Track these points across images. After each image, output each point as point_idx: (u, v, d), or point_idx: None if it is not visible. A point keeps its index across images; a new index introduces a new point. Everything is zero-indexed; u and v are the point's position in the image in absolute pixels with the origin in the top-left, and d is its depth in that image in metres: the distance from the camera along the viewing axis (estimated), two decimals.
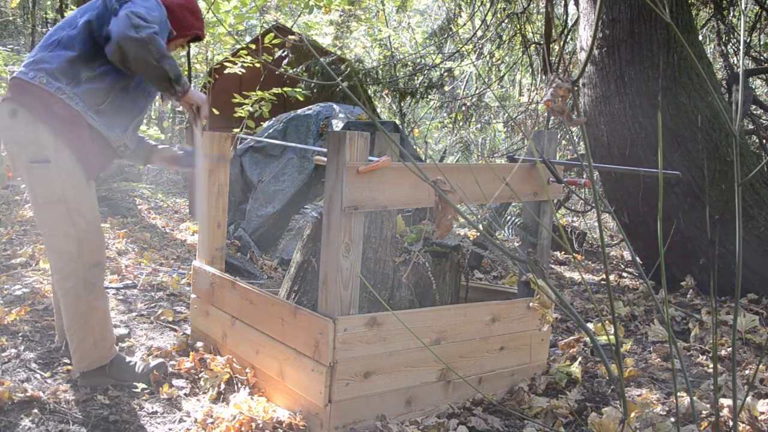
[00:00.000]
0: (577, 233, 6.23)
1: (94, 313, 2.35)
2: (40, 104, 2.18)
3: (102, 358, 2.40)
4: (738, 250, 1.57)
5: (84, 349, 2.37)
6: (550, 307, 2.20)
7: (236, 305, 2.58)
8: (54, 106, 2.19)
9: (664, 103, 4.06)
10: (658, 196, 1.56)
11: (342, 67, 7.20)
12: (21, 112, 2.19)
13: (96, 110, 2.25)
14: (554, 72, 5.48)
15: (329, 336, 2.06)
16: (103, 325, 2.39)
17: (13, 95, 2.22)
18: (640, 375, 2.82)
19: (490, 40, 7.82)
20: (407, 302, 2.44)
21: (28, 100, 2.19)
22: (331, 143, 2.06)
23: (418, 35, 10.91)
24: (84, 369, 2.39)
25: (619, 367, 1.77)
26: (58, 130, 2.21)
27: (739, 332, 3.30)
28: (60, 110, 2.19)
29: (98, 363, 2.40)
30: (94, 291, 2.34)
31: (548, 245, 2.70)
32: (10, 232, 4.88)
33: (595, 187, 1.66)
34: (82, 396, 2.31)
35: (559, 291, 2.67)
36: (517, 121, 7.97)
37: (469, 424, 2.25)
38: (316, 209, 2.62)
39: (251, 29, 11.29)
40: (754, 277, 3.97)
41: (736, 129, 1.64)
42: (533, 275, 2.21)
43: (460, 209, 1.57)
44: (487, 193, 2.28)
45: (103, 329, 2.39)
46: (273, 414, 2.22)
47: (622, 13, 4.18)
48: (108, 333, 2.42)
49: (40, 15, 11.47)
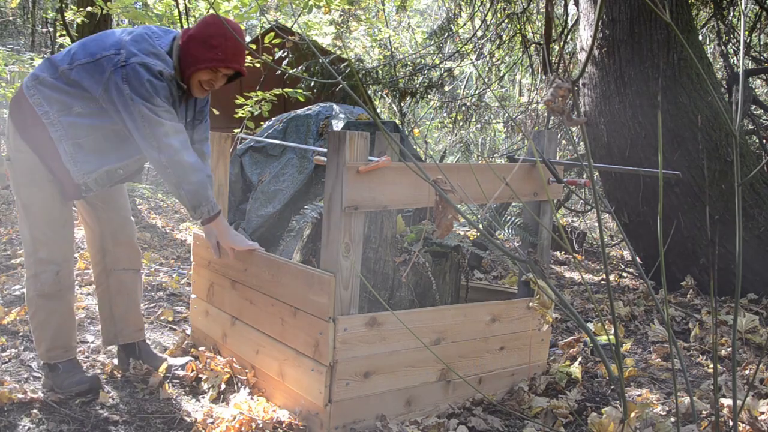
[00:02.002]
0: (577, 233, 6.23)
1: (41, 311, 2.34)
2: (22, 118, 2.25)
3: (48, 357, 2.37)
4: (738, 250, 1.57)
5: (35, 339, 2.39)
6: (550, 307, 2.20)
7: (236, 305, 2.58)
8: (31, 127, 2.23)
9: (664, 103, 4.06)
10: (658, 196, 1.56)
11: (342, 67, 7.20)
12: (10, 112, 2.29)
13: (74, 143, 2.24)
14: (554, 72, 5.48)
15: (329, 336, 2.06)
16: (47, 328, 2.35)
17: (13, 97, 2.31)
18: (640, 375, 2.82)
19: (490, 40, 7.82)
20: (407, 302, 2.44)
21: (15, 108, 2.28)
22: (331, 143, 2.06)
23: (418, 35, 10.91)
24: (39, 356, 2.42)
25: (619, 367, 1.77)
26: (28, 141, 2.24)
27: (739, 332, 3.30)
28: (35, 131, 2.23)
29: (45, 358, 2.38)
30: (45, 291, 2.31)
31: (548, 245, 2.70)
32: (10, 232, 4.88)
33: (595, 187, 1.66)
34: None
35: (559, 291, 2.67)
36: (517, 121, 7.97)
37: (469, 424, 2.25)
38: (316, 209, 2.62)
39: (251, 29, 11.30)
40: (754, 277, 3.97)
41: (736, 129, 1.64)
42: (533, 275, 2.20)
43: (461, 209, 1.57)
44: (487, 193, 2.28)
45: (48, 331, 2.35)
46: (273, 414, 2.22)
47: (622, 13, 4.18)
48: (56, 338, 2.36)
49: (40, 15, 11.48)
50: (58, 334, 2.37)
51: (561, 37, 7.06)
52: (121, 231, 2.54)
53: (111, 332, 2.60)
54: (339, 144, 2.02)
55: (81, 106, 2.22)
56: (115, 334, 2.59)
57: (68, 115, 2.22)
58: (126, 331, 2.59)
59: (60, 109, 2.21)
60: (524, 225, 2.73)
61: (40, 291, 2.32)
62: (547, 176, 2.54)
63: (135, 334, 2.61)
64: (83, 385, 2.32)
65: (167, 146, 2.14)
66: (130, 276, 2.59)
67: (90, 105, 2.22)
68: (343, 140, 2.01)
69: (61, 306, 2.37)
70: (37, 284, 2.31)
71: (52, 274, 2.31)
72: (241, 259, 2.53)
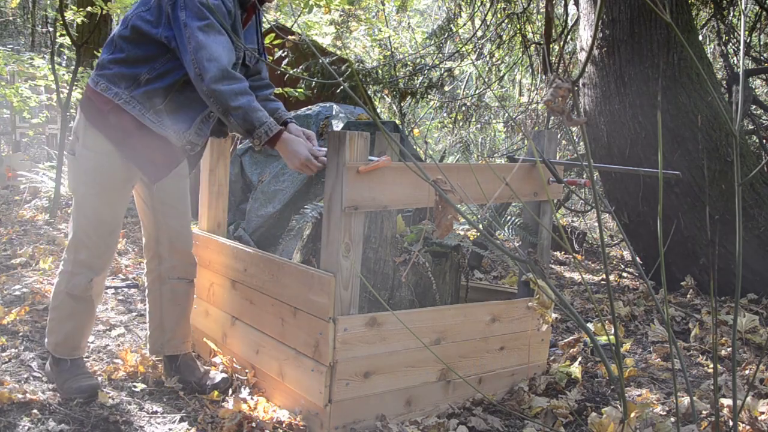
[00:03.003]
0: (577, 233, 6.22)
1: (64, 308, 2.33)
2: (94, 111, 2.21)
3: (55, 350, 2.38)
4: (738, 250, 1.57)
5: (49, 329, 2.39)
6: (550, 307, 2.20)
7: (236, 305, 2.58)
8: (105, 112, 2.19)
9: (664, 103, 4.06)
10: (658, 196, 1.56)
11: (342, 68, 7.20)
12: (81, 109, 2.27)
13: (155, 110, 2.20)
14: (554, 72, 5.48)
15: (329, 336, 2.06)
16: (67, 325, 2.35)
17: (83, 96, 2.30)
18: (640, 375, 2.82)
19: (490, 40, 7.81)
20: (407, 302, 2.44)
21: (86, 104, 2.24)
22: (331, 143, 2.06)
23: (418, 35, 10.90)
24: (46, 345, 2.42)
25: (619, 367, 1.77)
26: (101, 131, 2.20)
27: (739, 332, 3.30)
28: (109, 115, 2.18)
29: (52, 350, 2.39)
30: (75, 292, 2.31)
31: (548, 245, 2.70)
32: (10, 232, 4.88)
33: (595, 187, 1.66)
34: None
35: (559, 291, 2.67)
36: (517, 121, 7.97)
37: (469, 424, 2.25)
38: (316, 209, 2.62)
39: None
40: (754, 277, 3.97)
41: (736, 129, 1.64)
42: (533, 275, 2.20)
43: (461, 209, 1.57)
44: (487, 193, 2.28)
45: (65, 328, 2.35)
46: (273, 414, 2.23)
47: (622, 13, 4.18)
48: (70, 337, 2.36)
49: (40, 15, 11.47)
50: (72, 333, 2.37)
51: (561, 37, 7.06)
52: (178, 239, 2.47)
53: (159, 342, 2.54)
54: (339, 144, 2.02)
55: (146, 70, 2.17)
56: (162, 344, 2.53)
57: (138, 87, 2.18)
58: (173, 342, 2.53)
59: (128, 85, 2.18)
60: (524, 225, 2.73)
61: (69, 290, 2.31)
62: (547, 176, 2.54)
63: (181, 346, 2.55)
64: (83, 393, 2.29)
65: (207, 72, 2.05)
66: (183, 286, 2.52)
67: (154, 63, 2.18)
68: (343, 140, 2.01)
69: (85, 309, 2.36)
70: (68, 283, 2.31)
71: (86, 279, 2.30)
72: (241, 259, 2.53)
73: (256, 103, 2.15)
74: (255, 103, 2.14)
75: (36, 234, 4.91)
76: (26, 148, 11.02)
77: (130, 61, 2.19)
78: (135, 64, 2.19)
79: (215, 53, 2.07)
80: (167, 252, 2.47)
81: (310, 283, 2.14)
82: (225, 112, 2.11)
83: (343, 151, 2.01)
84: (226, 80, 2.08)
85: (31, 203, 6.24)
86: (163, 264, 2.48)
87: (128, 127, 2.19)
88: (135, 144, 2.21)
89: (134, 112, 2.18)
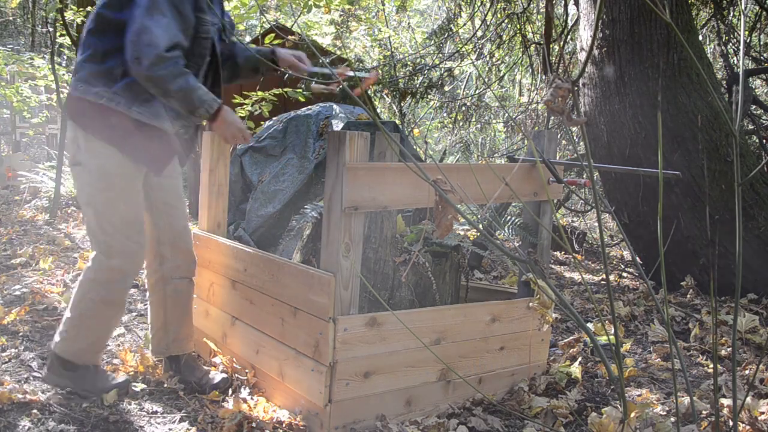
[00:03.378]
0: (577, 233, 6.22)
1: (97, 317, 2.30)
2: (79, 114, 2.20)
3: (77, 357, 2.33)
4: (738, 250, 1.57)
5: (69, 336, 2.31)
6: (550, 307, 2.20)
7: (236, 305, 2.58)
8: (94, 115, 2.16)
9: (664, 103, 4.06)
10: (658, 196, 1.56)
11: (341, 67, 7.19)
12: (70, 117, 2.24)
13: (140, 101, 2.16)
14: (554, 72, 5.48)
15: (329, 336, 2.06)
16: (97, 331, 2.33)
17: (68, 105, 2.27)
18: (640, 375, 2.82)
19: (490, 40, 7.82)
20: (407, 302, 2.44)
21: (72, 110, 2.22)
22: (331, 143, 2.06)
23: (418, 35, 10.90)
24: (58, 352, 2.33)
25: (619, 367, 1.77)
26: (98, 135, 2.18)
27: (739, 332, 3.30)
28: (98, 118, 2.16)
29: (72, 357, 2.33)
30: (113, 298, 2.29)
31: (548, 245, 2.70)
32: (10, 232, 4.89)
33: (595, 187, 1.66)
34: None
35: (559, 291, 2.67)
36: (517, 121, 7.97)
37: (469, 424, 2.25)
38: (316, 209, 2.62)
39: (251, 29, 11.29)
40: (754, 277, 3.97)
41: (736, 129, 1.64)
42: (533, 275, 2.20)
43: (461, 209, 1.57)
44: (487, 193, 2.28)
45: (94, 334, 2.33)
46: (273, 414, 2.23)
47: (622, 13, 4.18)
48: (98, 342, 2.36)
49: (40, 15, 11.47)
50: (99, 339, 2.36)
51: (561, 37, 7.06)
52: (180, 238, 2.46)
53: (163, 343, 2.52)
54: (339, 144, 2.02)
55: (118, 62, 2.13)
56: (167, 345, 2.52)
57: (115, 81, 2.14)
58: (177, 342, 2.52)
59: (105, 81, 2.14)
60: (524, 225, 2.73)
61: (105, 297, 2.27)
62: (547, 176, 2.54)
63: (186, 346, 2.54)
64: (122, 389, 2.33)
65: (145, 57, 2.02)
66: (185, 285, 2.51)
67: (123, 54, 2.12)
68: (343, 140, 2.01)
69: (117, 314, 2.36)
70: (102, 290, 2.26)
71: (124, 285, 2.29)
72: (241, 259, 2.53)
73: (193, 82, 2.12)
74: (193, 82, 2.12)
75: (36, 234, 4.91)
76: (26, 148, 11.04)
77: (99, 56, 2.15)
78: (104, 58, 2.15)
79: (155, 38, 2.03)
80: (170, 252, 2.46)
81: (310, 283, 2.14)
82: (165, 95, 2.10)
83: (343, 151, 2.01)
84: (163, 63, 2.04)
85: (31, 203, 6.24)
86: (166, 264, 2.47)
87: (118, 124, 2.16)
88: (131, 140, 2.19)
89: (120, 107, 2.14)
